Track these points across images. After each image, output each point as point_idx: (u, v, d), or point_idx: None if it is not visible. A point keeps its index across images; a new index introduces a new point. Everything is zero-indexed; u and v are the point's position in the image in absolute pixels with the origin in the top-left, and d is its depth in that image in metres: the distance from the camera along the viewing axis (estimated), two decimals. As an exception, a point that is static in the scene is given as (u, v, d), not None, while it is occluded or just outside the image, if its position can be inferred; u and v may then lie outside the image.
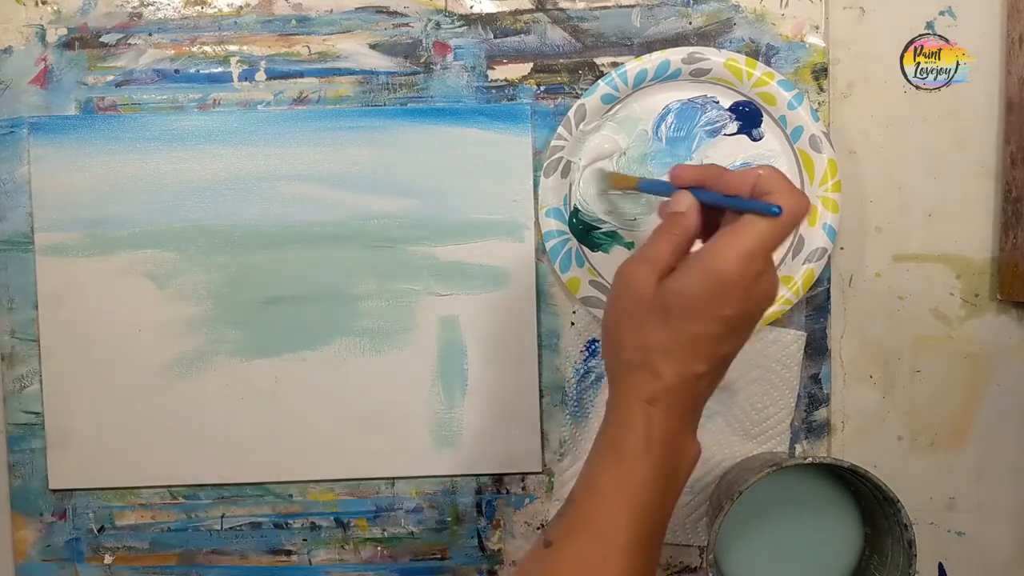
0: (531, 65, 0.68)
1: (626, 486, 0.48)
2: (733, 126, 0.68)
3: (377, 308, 0.68)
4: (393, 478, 0.69)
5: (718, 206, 0.51)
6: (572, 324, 0.68)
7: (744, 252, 0.47)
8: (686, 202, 0.51)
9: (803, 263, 0.67)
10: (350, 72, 0.68)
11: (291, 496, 0.69)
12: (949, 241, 0.70)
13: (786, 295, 0.67)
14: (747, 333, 0.50)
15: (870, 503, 0.64)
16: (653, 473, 0.48)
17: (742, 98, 0.67)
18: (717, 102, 0.68)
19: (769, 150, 0.68)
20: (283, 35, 0.68)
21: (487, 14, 0.68)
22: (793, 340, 0.68)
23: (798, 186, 0.67)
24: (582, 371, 0.68)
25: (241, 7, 0.68)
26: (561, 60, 0.68)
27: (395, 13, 0.68)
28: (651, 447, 0.48)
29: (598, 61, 0.68)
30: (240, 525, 0.69)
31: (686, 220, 0.50)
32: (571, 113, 0.66)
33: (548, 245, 0.67)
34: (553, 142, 0.67)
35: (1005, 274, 0.68)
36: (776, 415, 0.69)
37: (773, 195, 0.48)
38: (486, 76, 0.68)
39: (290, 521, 0.69)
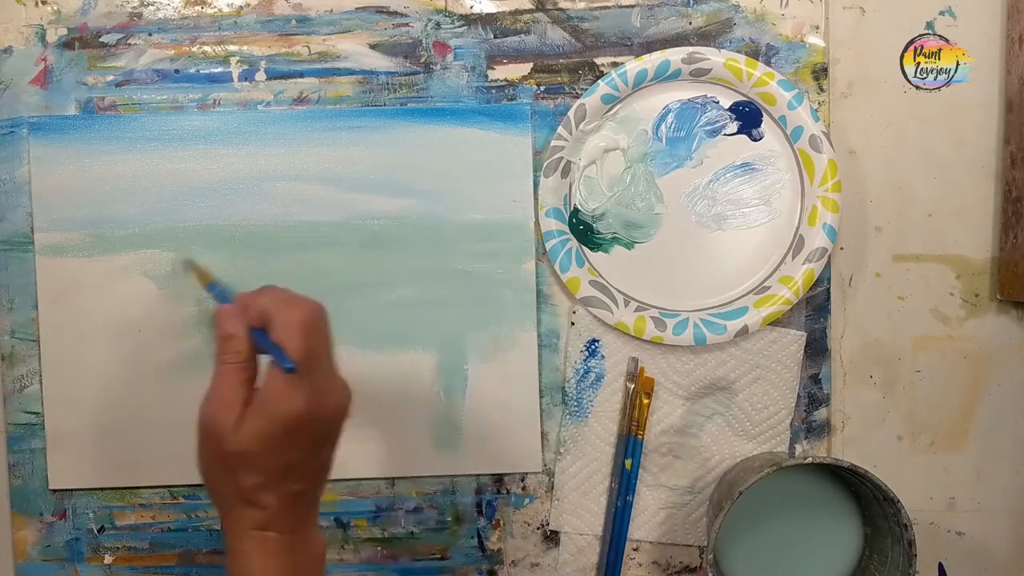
0: (531, 65, 0.68)
1: None
2: (733, 126, 0.68)
3: (377, 308, 0.68)
4: (393, 478, 0.69)
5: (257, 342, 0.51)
6: (572, 324, 0.68)
7: (285, 388, 0.48)
8: (230, 325, 0.51)
9: (803, 263, 0.67)
10: (350, 72, 0.68)
11: (291, 496, 0.69)
12: (949, 241, 0.70)
13: (786, 295, 0.67)
14: (335, 437, 0.52)
15: (870, 503, 0.64)
16: None
17: (742, 98, 0.67)
18: (717, 102, 0.68)
19: (769, 150, 0.68)
20: (283, 35, 0.68)
21: (487, 14, 0.68)
22: (793, 340, 0.68)
23: (799, 185, 0.67)
24: (582, 371, 0.68)
25: (241, 7, 0.68)
26: (561, 60, 0.68)
27: (395, 13, 0.68)
28: (277, 563, 0.50)
29: (598, 61, 0.68)
30: (240, 525, 0.69)
31: (236, 343, 0.51)
32: (571, 113, 0.66)
33: (548, 245, 0.67)
34: (553, 142, 0.67)
35: (1005, 274, 0.68)
36: (776, 415, 0.69)
37: (273, 327, 0.49)
38: (486, 76, 0.68)
39: (290, 521, 0.69)
